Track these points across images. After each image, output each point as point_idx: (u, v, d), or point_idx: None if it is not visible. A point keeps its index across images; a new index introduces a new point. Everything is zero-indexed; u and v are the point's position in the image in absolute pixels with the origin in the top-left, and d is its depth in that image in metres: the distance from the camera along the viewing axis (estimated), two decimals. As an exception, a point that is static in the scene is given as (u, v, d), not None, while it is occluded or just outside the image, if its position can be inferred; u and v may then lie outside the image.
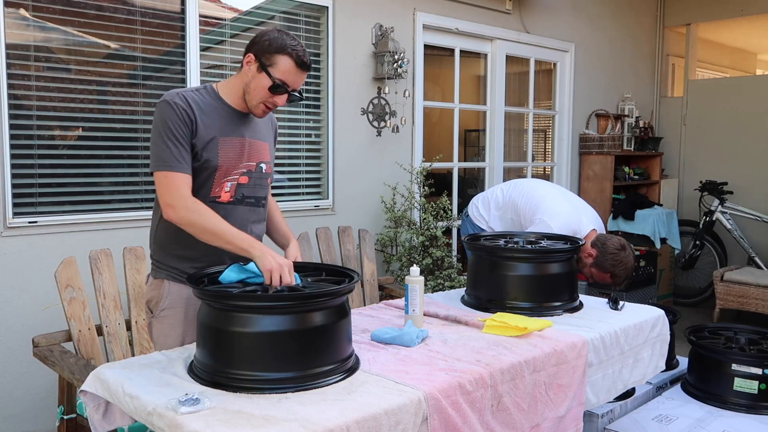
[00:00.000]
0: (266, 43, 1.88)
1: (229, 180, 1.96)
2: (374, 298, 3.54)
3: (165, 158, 1.84)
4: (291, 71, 1.89)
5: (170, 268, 2.00)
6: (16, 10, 2.89)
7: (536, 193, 3.24)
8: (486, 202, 3.49)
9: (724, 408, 2.84)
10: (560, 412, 1.96)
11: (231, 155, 1.95)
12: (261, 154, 2.05)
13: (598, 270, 3.01)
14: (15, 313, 2.94)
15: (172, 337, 2.00)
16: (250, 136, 2.01)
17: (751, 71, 8.86)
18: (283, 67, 1.88)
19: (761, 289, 5.00)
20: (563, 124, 5.66)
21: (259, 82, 1.90)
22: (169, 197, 1.83)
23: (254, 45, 1.90)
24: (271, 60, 1.88)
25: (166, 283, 2.00)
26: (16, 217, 2.91)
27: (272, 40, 1.88)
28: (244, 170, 1.99)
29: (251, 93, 1.92)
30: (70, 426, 2.36)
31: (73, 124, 3.11)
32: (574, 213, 3.14)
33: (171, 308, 1.99)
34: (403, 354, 1.86)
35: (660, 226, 5.52)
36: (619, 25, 6.08)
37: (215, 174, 1.93)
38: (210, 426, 1.36)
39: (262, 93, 1.91)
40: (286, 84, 1.90)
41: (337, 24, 3.95)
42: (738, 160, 6.06)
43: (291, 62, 1.88)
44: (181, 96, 1.89)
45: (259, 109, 1.95)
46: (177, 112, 1.86)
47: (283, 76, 1.88)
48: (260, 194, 2.06)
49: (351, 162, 4.08)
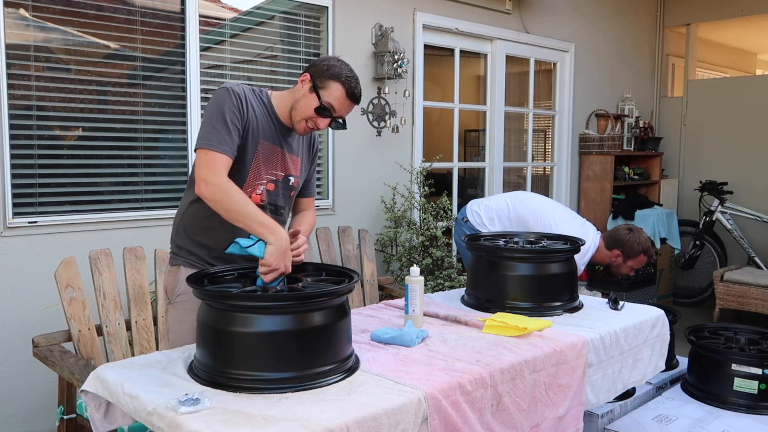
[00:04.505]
0: (324, 68, 1.97)
1: (261, 183, 2.03)
2: (374, 298, 3.54)
3: (211, 138, 1.88)
4: (340, 98, 1.97)
5: (188, 253, 2.06)
6: (16, 10, 2.89)
7: (546, 211, 3.46)
8: (489, 210, 3.55)
9: (724, 408, 2.84)
10: (560, 412, 1.96)
11: (266, 159, 2.02)
12: (293, 167, 2.12)
13: (633, 260, 3.29)
14: (15, 313, 2.94)
15: (187, 323, 2.00)
16: (287, 150, 2.09)
17: (751, 71, 8.86)
18: (334, 93, 1.96)
19: (761, 289, 5.00)
20: (563, 124, 5.66)
21: (308, 101, 1.97)
22: (205, 173, 1.85)
23: (313, 67, 1.99)
24: (324, 83, 1.96)
25: (182, 269, 2.05)
26: (16, 217, 2.91)
27: (331, 66, 1.97)
28: (273, 177, 2.06)
29: (298, 109, 1.99)
30: (70, 426, 2.36)
31: (73, 124, 3.11)
32: (582, 229, 3.40)
33: (185, 293, 2.02)
34: (403, 354, 1.86)
35: (660, 226, 5.52)
36: (619, 25, 6.09)
37: (248, 172, 1.99)
38: (210, 426, 1.36)
39: (308, 112, 1.97)
40: (333, 109, 1.98)
41: (337, 24, 3.95)
42: (738, 160, 6.06)
43: (342, 91, 1.96)
44: (242, 89, 1.97)
45: (301, 126, 2.01)
46: (234, 100, 1.92)
47: (332, 100, 1.96)
48: (280, 203, 2.12)
49: (351, 162, 4.08)
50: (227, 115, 1.90)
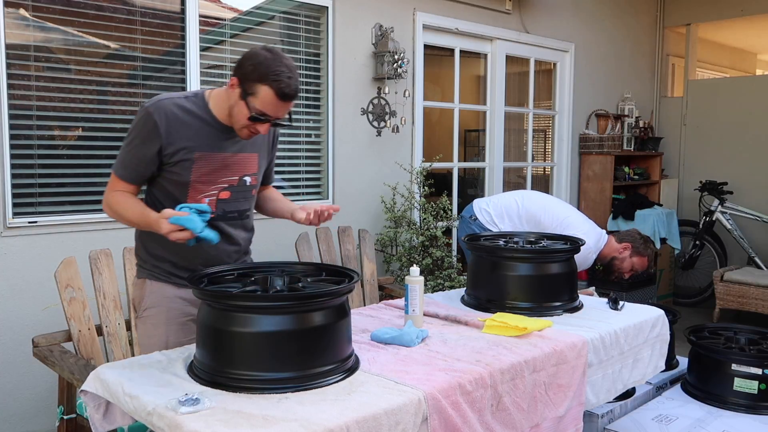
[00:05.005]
0: (250, 69, 1.78)
1: (207, 196, 1.95)
2: (374, 298, 3.54)
3: (118, 161, 1.92)
4: (271, 102, 1.79)
5: (151, 267, 2.01)
6: (16, 10, 2.89)
7: (558, 210, 3.51)
8: (498, 208, 3.55)
9: (724, 408, 2.84)
10: (560, 412, 1.96)
11: (206, 171, 1.93)
12: (246, 166, 2.01)
13: (639, 255, 3.41)
14: (15, 313, 2.94)
15: (155, 338, 1.98)
16: (236, 150, 1.97)
17: (751, 71, 8.86)
18: (263, 98, 1.78)
19: (761, 289, 5.00)
20: (563, 124, 5.66)
21: (241, 110, 1.83)
22: (105, 194, 1.93)
23: (239, 68, 1.82)
24: (252, 89, 1.78)
25: (148, 282, 2.01)
26: (16, 217, 2.91)
27: (257, 66, 1.77)
28: (224, 185, 1.97)
29: (234, 117, 1.87)
30: (70, 426, 2.36)
31: (73, 124, 3.11)
32: (594, 226, 3.49)
33: (152, 308, 1.99)
34: (403, 354, 1.86)
35: (660, 226, 5.52)
36: (619, 25, 6.08)
37: (188, 189, 1.93)
38: (210, 426, 1.36)
39: (243, 120, 1.84)
40: (267, 115, 1.82)
41: (337, 24, 3.95)
42: (738, 160, 6.06)
43: (272, 93, 1.77)
44: (165, 108, 1.86)
45: (243, 133, 1.90)
46: (149, 127, 1.85)
47: (263, 107, 1.80)
48: (243, 207, 2.05)
49: (351, 162, 4.08)
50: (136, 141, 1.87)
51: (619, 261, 3.45)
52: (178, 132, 1.87)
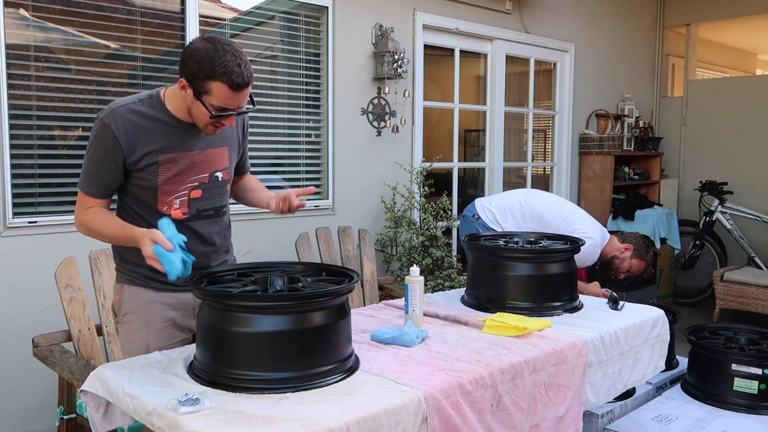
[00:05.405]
0: (195, 69, 1.70)
1: (177, 197, 1.91)
2: (374, 298, 3.54)
3: (83, 177, 1.87)
4: (227, 96, 1.73)
5: (129, 271, 1.98)
6: (16, 10, 2.89)
7: (561, 206, 3.53)
8: (501, 207, 3.54)
9: (724, 408, 2.84)
10: (560, 412, 1.96)
11: (173, 173, 1.88)
12: (216, 162, 1.97)
13: (638, 258, 3.42)
14: (15, 313, 2.94)
15: (136, 343, 1.96)
16: (202, 147, 1.92)
17: (751, 71, 8.86)
18: (218, 95, 1.72)
19: (761, 289, 5.00)
20: (563, 124, 5.66)
21: (199, 109, 1.77)
22: (75, 213, 1.91)
23: (184, 68, 1.73)
24: (203, 87, 1.72)
25: (126, 287, 1.99)
26: (16, 217, 2.91)
27: (200, 63, 1.69)
28: (195, 184, 1.93)
29: (195, 116, 1.82)
30: (70, 426, 2.36)
31: (73, 124, 3.11)
32: (598, 224, 3.50)
33: (132, 313, 1.98)
34: (403, 354, 1.86)
35: (660, 226, 5.52)
36: (619, 25, 6.08)
37: (157, 192, 1.89)
38: (210, 426, 1.36)
39: (205, 119, 1.79)
40: (227, 109, 1.77)
41: (337, 24, 3.95)
42: (738, 160, 6.06)
43: (225, 88, 1.71)
44: (120, 116, 1.81)
45: (209, 130, 1.85)
46: (108, 138, 1.80)
47: (220, 102, 1.74)
48: (218, 204, 2.01)
49: (351, 162, 4.08)
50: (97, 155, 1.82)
51: (619, 260, 3.45)
52: (138, 138, 1.82)
